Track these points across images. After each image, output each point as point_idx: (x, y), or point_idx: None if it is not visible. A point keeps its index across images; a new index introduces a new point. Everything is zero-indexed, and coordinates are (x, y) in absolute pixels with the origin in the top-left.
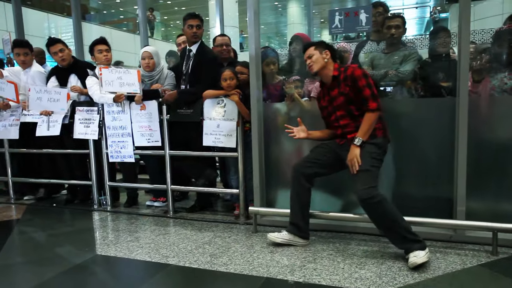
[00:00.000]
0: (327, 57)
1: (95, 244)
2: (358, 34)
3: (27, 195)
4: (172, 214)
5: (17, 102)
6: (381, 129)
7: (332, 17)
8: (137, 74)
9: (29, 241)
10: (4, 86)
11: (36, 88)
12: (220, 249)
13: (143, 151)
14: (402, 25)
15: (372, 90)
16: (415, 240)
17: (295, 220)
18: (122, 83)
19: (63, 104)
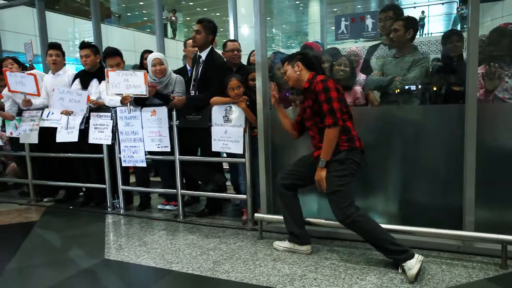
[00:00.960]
0: (299, 70)
1: (104, 248)
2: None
3: (47, 197)
4: (182, 218)
5: (38, 94)
6: (345, 142)
7: (338, 22)
8: (143, 76)
9: (43, 244)
10: (25, 80)
11: (60, 89)
12: (224, 256)
13: (154, 155)
14: (402, 28)
15: (331, 105)
16: (400, 251)
17: (291, 229)
18: (129, 85)
19: (83, 106)
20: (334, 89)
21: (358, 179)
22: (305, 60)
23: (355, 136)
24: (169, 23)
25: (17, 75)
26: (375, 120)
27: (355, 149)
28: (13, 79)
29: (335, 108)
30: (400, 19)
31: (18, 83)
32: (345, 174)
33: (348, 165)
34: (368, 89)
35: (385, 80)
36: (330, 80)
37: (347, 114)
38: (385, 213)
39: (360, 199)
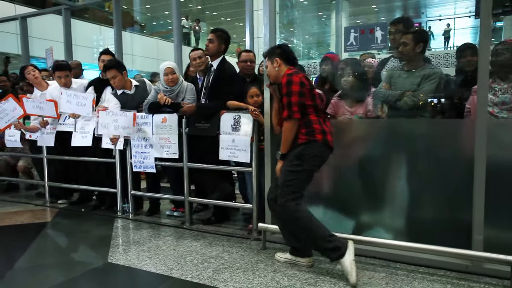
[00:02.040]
0: (277, 65)
1: (108, 251)
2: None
3: (62, 199)
4: (188, 225)
5: (58, 117)
6: (304, 135)
7: (348, 34)
8: (132, 117)
9: (52, 245)
10: (44, 105)
11: (67, 92)
12: (224, 265)
13: (164, 162)
14: (411, 41)
15: (289, 98)
16: (332, 249)
17: (289, 243)
18: (117, 126)
19: (89, 109)
20: (298, 83)
21: (365, 192)
22: (283, 54)
23: (316, 129)
24: (193, 32)
25: (35, 101)
26: (383, 133)
27: (314, 142)
28: (30, 104)
29: (292, 101)
30: (409, 32)
31: (35, 107)
32: (298, 170)
33: (304, 160)
34: (375, 101)
35: (395, 95)
36: (298, 75)
37: (314, 108)
38: (390, 229)
39: (366, 213)
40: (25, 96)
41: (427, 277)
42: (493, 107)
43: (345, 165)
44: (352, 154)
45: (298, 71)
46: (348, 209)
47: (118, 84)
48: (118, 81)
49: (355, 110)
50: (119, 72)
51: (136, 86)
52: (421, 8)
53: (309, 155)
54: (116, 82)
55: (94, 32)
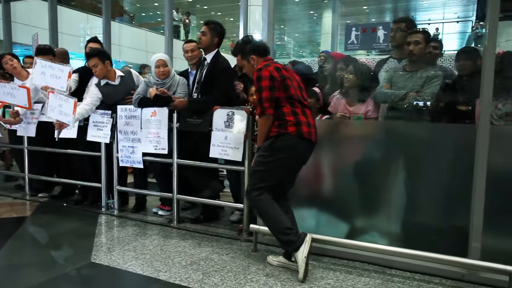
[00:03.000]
0: (255, 63)
1: (92, 250)
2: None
3: (42, 192)
4: (176, 224)
5: (29, 108)
6: (276, 128)
7: (349, 32)
8: (73, 105)
9: (31, 242)
10: (16, 92)
11: (42, 62)
12: (214, 267)
13: (151, 157)
14: (423, 40)
15: (260, 94)
16: (287, 241)
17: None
18: (61, 111)
19: (63, 82)
20: (268, 78)
21: (360, 196)
22: (256, 49)
23: (289, 121)
24: (182, 25)
25: (7, 86)
26: (381, 135)
27: (285, 135)
28: (2, 89)
29: (263, 97)
30: (421, 31)
31: (6, 94)
32: (266, 161)
33: (273, 152)
34: (376, 101)
35: (397, 95)
36: (268, 68)
37: (287, 99)
38: (386, 233)
39: (361, 216)
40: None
41: (423, 285)
42: (498, 120)
43: (341, 167)
44: (348, 156)
45: (268, 64)
46: (342, 213)
47: (99, 73)
48: (100, 70)
49: (355, 109)
50: (100, 61)
51: (121, 77)
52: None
53: (278, 147)
54: (97, 71)
55: (81, 20)
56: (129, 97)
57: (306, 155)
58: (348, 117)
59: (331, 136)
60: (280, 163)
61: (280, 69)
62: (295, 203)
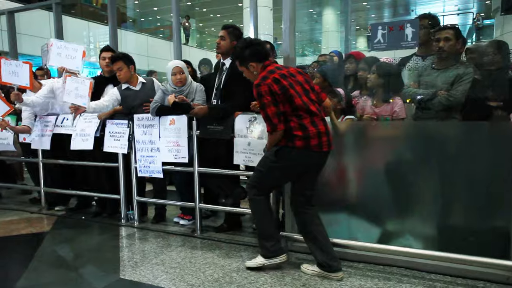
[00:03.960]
0: (255, 69)
1: (119, 265)
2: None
3: (59, 205)
4: (199, 233)
5: (30, 87)
6: (284, 140)
7: (375, 31)
8: (89, 86)
9: (55, 259)
10: (19, 69)
11: (57, 43)
12: (248, 279)
13: (171, 166)
14: (453, 37)
15: (265, 111)
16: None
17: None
18: (77, 93)
19: (78, 62)
20: (268, 93)
21: (392, 199)
22: (255, 55)
23: (297, 136)
24: (182, 29)
25: (12, 64)
26: (413, 136)
27: (293, 148)
28: (8, 68)
29: (269, 114)
30: (451, 27)
31: (11, 74)
32: (273, 166)
33: (280, 159)
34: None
35: (427, 94)
36: (266, 81)
37: (293, 110)
38: (421, 237)
39: (394, 220)
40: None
41: None
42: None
43: (372, 170)
44: (379, 158)
45: (266, 76)
46: (374, 217)
47: (123, 77)
48: (124, 73)
49: (382, 110)
50: (125, 64)
51: (143, 83)
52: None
53: (286, 158)
54: (122, 75)
55: (83, 28)
56: (146, 104)
57: (317, 165)
58: (374, 118)
59: (360, 139)
60: (286, 171)
61: (278, 80)
62: (326, 208)
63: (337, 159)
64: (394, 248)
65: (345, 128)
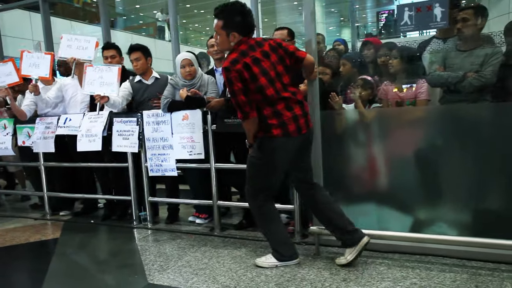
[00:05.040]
0: (233, 42)
1: (144, 270)
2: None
3: (63, 210)
4: (219, 232)
5: (49, 78)
6: (261, 130)
7: (401, 12)
8: (117, 72)
9: (73, 267)
10: (41, 60)
11: (68, 36)
12: (284, 277)
13: (185, 164)
14: (472, 16)
15: (236, 99)
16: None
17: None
18: (102, 82)
19: (91, 52)
20: (239, 80)
21: (423, 184)
22: (243, 28)
23: (273, 125)
24: (167, 26)
25: (34, 56)
26: (444, 119)
27: (271, 138)
28: (29, 60)
29: (240, 102)
30: (470, 7)
31: (32, 66)
32: (260, 163)
33: (264, 153)
34: (432, 85)
35: (456, 76)
36: (235, 66)
37: (264, 98)
38: (456, 224)
39: (427, 207)
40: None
41: None
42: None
43: (401, 156)
44: (408, 144)
45: (237, 58)
46: (404, 205)
47: (140, 68)
48: (141, 64)
49: (406, 95)
50: (143, 55)
51: (156, 78)
52: None
53: (267, 149)
54: (139, 65)
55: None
56: (155, 100)
57: (301, 148)
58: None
59: (387, 125)
60: (274, 164)
61: (250, 66)
62: (354, 198)
63: (366, 148)
64: (431, 236)
65: (373, 116)
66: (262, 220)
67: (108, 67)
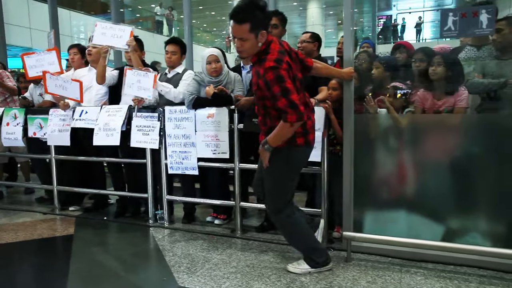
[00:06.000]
0: (261, 42)
1: (171, 271)
2: None
3: (72, 205)
4: (240, 233)
5: (81, 101)
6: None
7: (445, 18)
8: (153, 78)
9: (95, 266)
10: (68, 85)
11: (102, 24)
12: (320, 283)
13: (207, 162)
14: (506, 27)
15: (289, 98)
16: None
17: None
18: (140, 86)
19: (125, 40)
20: (289, 77)
21: (458, 193)
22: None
23: (298, 133)
24: (166, 20)
25: (59, 79)
26: (481, 127)
27: (294, 148)
28: (53, 82)
29: (295, 101)
30: (504, 18)
31: (58, 87)
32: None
33: (287, 164)
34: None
35: (495, 84)
36: (282, 64)
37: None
38: (491, 234)
39: (461, 216)
40: (48, 72)
41: None
42: None
43: (433, 164)
44: (442, 152)
45: (279, 57)
46: (437, 214)
47: (173, 61)
48: (175, 59)
49: (444, 102)
50: (180, 50)
51: (177, 73)
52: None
53: (291, 160)
54: (173, 59)
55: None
56: None
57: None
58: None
59: (422, 131)
60: (295, 175)
61: (290, 65)
62: (385, 206)
63: (400, 154)
64: (466, 247)
65: (408, 122)
66: (291, 232)
67: (145, 73)
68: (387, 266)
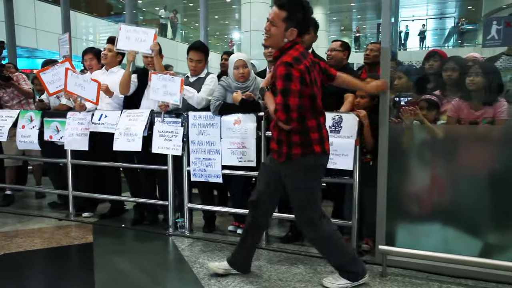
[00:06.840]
0: (287, 38)
1: (200, 283)
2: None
3: (87, 211)
4: (265, 244)
5: (96, 103)
6: (299, 146)
7: (489, 26)
8: (179, 83)
9: (121, 276)
10: (87, 84)
11: (126, 27)
12: None
13: (231, 170)
14: None
15: (288, 100)
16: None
17: None
18: (166, 91)
19: (149, 45)
20: (299, 80)
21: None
22: (305, 24)
23: (314, 140)
24: (170, 24)
25: (79, 78)
26: None
27: (310, 155)
28: (74, 80)
29: (291, 105)
30: None
31: (77, 85)
32: (307, 188)
33: (307, 173)
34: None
35: None
36: (299, 65)
37: (312, 108)
38: None
39: (498, 232)
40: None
41: None
42: None
43: (471, 178)
44: (480, 165)
45: (299, 57)
46: (474, 228)
47: (198, 68)
48: (201, 67)
49: (482, 113)
50: (205, 58)
51: (199, 77)
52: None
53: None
54: (197, 67)
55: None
56: None
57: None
58: (475, 122)
59: (459, 142)
60: (319, 183)
61: (310, 70)
62: (423, 218)
63: (436, 166)
64: (508, 264)
65: (443, 133)
66: (330, 245)
67: (171, 78)
68: (425, 282)
